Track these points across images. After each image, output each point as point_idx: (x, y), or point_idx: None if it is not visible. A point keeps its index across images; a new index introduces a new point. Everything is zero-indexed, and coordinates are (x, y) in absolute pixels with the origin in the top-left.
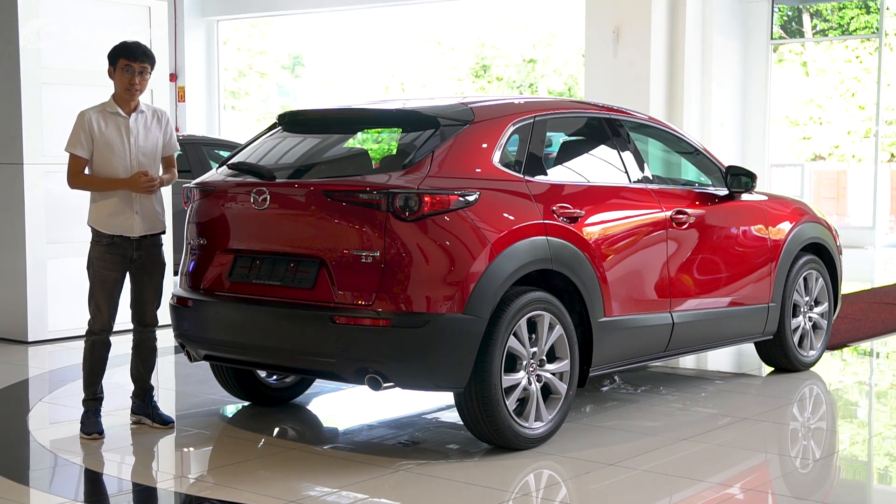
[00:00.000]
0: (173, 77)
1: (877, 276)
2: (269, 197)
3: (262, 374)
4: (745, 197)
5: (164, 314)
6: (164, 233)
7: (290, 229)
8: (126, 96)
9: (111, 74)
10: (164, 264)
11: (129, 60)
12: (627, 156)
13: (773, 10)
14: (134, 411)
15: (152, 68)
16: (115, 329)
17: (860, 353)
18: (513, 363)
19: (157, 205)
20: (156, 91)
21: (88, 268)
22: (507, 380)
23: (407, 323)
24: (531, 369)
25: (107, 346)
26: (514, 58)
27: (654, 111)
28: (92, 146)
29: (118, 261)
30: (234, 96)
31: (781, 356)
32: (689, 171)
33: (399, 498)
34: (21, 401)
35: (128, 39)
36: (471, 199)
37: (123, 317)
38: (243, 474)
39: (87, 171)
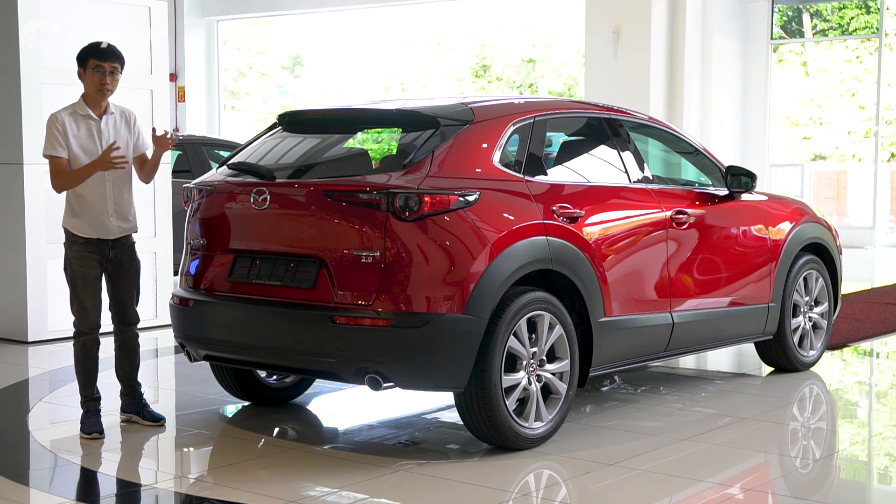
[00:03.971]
0: (173, 77)
1: (877, 276)
2: (269, 197)
3: (262, 374)
4: (745, 197)
5: (162, 313)
6: (135, 231)
7: (290, 229)
8: (97, 97)
9: (81, 76)
10: (139, 262)
11: (100, 61)
12: (627, 156)
13: (773, 10)
14: (124, 409)
15: (122, 68)
16: (102, 330)
17: (860, 353)
18: (513, 363)
19: (129, 205)
20: (156, 91)
21: (66, 270)
22: (507, 380)
23: (407, 323)
24: (531, 369)
25: (97, 343)
26: (514, 58)
27: (654, 111)
28: (69, 148)
29: (96, 258)
30: (234, 96)
31: (781, 356)
32: (689, 171)
33: (399, 498)
34: (21, 401)
35: (127, 43)
36: (471, 199)
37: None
38: (243, 474)
39: None
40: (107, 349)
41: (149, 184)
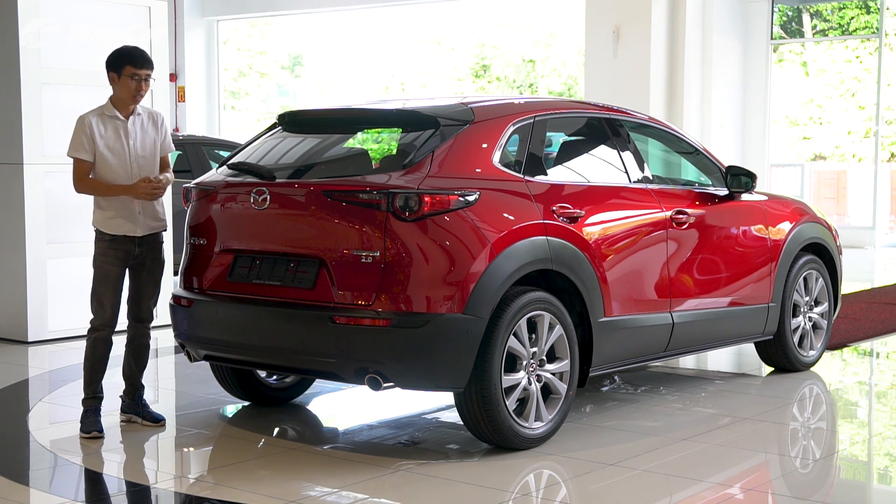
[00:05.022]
0: (173, 77)
1: (877, 276)
2: (269, 197)
3: (262, 374)
4: (745, 197)
5: (162, 313)
6: (165, 230)
7: (290, 229)
8: (130, 102)
9: (114, 80)
10: (164, 262)
11: (137, 68)
12: (627, 156)
13: (773, 10)
14: (124, 410)
15: (152, 73)
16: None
17: (860, 353)
18: (513, 363)
19: (157, 204)
20: (156, 91)
21: (93, 265)
22: (507, 380)
23: (407, 323)
24: (531, 369)
25: (108, 343)
26: (514, 58)
27: (654, 111)
28: (94, 150)
29: (121, 256)
30: (234, 96)
31: (781, 356)
32: (689, 171)
33: (399, 498)
34: (21, 401)
35: (128, 43)
36: (471, 199)
37: (122, 317)
38: (243, 474)
39: (90, 174)
40: (116, 348)
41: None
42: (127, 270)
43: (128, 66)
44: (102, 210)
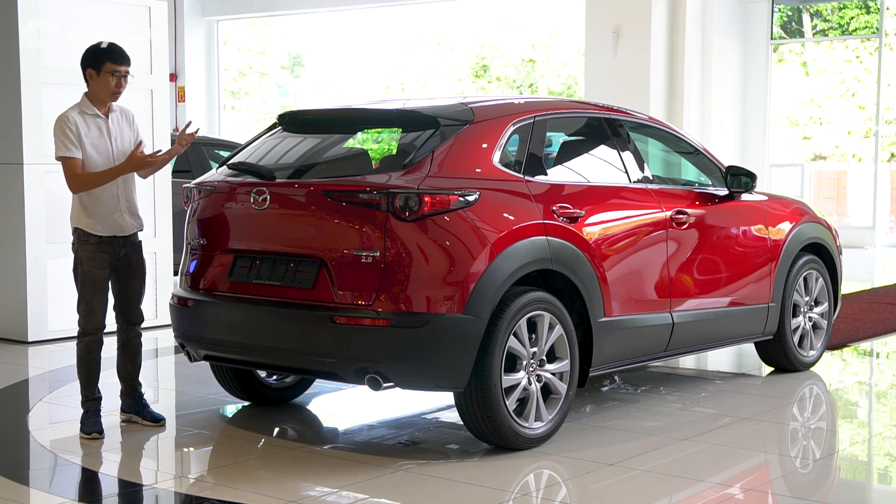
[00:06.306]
0: (173, 77)
1: (877, 276)
2: (269, 197)
3: (262, 374)
4: (745, 197)
5: (162, 313)
6: (143, 229)
7: (290, 229)
8: (109, 99)
9: (92, 77)
10: (145, 261)
11: (117, 65)
12: (627, 156)
13: (773, 11)
14: (124, 410)
15: (130, 70)
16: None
17: (860, 353)
18: (513, 363)
19: (136, 201)
20: (156, 91)
21: (76, 270)
22: (507, 380)
23: (407, 323)
24: (531, 369)
25: (101, 344)
26: (513, 58)
27: (654, 111)
28: (82, 148)
29: (108, 259)
30: (234, 96)
31: (781, 356)
32: (689, 171)
33: (399, 498)
34: (21, 401)
35: (128, 43)
36: (471, 199)
37: (111, 318)
38: (243, 474)
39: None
40: (108, 348)
41: (146, 179)
42: (112, 275)
43: (108, 62)
44: (89, 212)
